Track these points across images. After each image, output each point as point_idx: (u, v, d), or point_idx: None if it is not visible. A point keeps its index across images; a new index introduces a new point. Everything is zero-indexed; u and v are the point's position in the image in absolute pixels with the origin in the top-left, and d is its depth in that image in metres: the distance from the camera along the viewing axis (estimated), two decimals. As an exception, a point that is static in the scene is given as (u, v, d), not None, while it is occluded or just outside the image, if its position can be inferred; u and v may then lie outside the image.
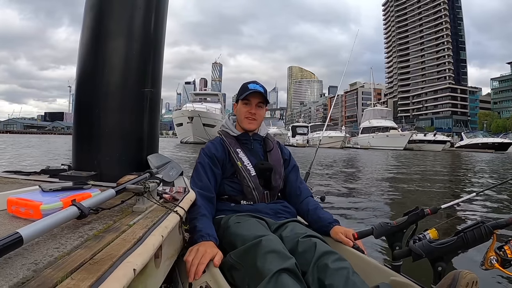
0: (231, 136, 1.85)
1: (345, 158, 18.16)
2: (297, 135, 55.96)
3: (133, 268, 0.79)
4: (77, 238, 0.97)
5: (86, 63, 2.25)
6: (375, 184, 6.52)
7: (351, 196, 5.46)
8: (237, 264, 1.29)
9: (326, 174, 9.34)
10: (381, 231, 1.68)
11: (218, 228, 1.57)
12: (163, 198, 1.46)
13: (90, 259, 0.83)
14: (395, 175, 10.15)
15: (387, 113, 52.09)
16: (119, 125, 2.20)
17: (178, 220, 1.28)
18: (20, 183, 1.78)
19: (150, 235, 1.01)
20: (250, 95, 1.79)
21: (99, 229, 1.06)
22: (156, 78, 2.40)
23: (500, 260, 1.27)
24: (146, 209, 1.29)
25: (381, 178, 8.19)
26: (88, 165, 2.17)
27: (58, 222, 0.95)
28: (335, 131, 47.77)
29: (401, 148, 38.85)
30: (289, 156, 1.98)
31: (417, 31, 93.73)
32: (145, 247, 0.92)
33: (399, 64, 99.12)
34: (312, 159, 3.04)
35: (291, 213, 1.77)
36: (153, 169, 2.01)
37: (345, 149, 38.11)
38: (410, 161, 17.76)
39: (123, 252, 0.86)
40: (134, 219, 1.16)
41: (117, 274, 0.75)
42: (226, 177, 1.75)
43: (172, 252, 1.35)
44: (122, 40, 2.23)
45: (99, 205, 1.17)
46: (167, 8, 2.55)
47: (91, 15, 2.26)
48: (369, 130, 47.06)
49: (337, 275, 1.20)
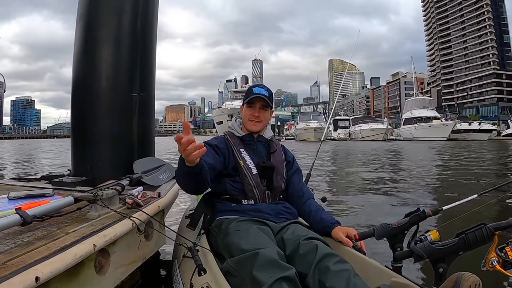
0: (236, 136, 1.87)
1: (384, 152, 17.55)
2: (339, 129, 54.96)
3: (35, 276, 0.82)
4: (11, 243, 1.01)
5: (78, 71, 2.33)
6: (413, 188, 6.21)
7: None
8: (234, 271, 1.28)
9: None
10: (382, 232, 1.65)
11: (218, 233, 1.57)
12: (127, 203, 1.47)
13: (4, 263, 0.86)
14: (434, 168, 9.67)
15: (429, 102, 49.78)
16: (109, 130, 2.26)
17: (130, 227, 1.27)
18: (11, 189, 1.86)
19: (79, 243, 1.01)
20: (254, 99, 1.82)
21: (37, 236, 1.09)
22: (146, 82, 2.44)
23: (502, 262, 1.23)
24: (99, 216, 1.31)
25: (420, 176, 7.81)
26: (83, 170, 2.26)
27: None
28: (376, 123, 46.21)
29: (444, 138, 37.00)
30: (293, 159, 1.99)
31: (457, 16, 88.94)
32: (65, 255, 0.94)
33: (441, 52, 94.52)
34: (313, 160, 2.96)
35: (292, 214, 1.75)
36: (135, 174, 2.06)
37: (387, 142, 36.98)
38: (450, 152, 16.84)
39: (35, 260, 0.89)
40: (77, 227, 1.18)
41: (13, 280, 0.78)
42: (228, 175, 1.75)
43: (132, 259, 1.36)
44: (109, 48, 2.29)
45: (48, 213, 1.20)
46: (157, 12, 2.58)
47: (80, 25, 2.34)
48: (411, 121, 45.12)
49: (338, 277, 1.19)
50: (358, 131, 47.32)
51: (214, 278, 1.21)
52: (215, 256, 1.40)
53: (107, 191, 1.36)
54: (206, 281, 1.21)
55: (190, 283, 1.23)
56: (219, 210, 1.69)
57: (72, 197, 1.35)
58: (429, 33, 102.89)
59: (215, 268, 1.28)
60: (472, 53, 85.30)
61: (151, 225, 1.62)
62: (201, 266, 1.26)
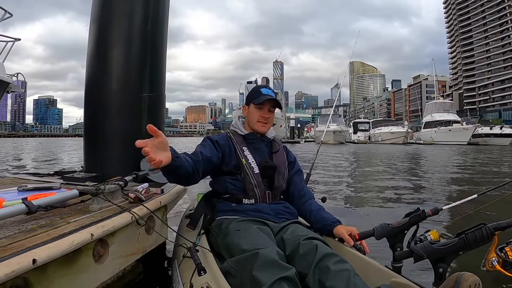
0: (239, 135, 1.88)
1: (402, 155, 17.24)
2: (359, 132, 54.48)
3: (33, 258, 0.90)
4: (15, 230, 1.09)
5: (91, 72, 2.43)
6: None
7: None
8: (234, 271, 1.29)
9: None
10: (382, 232, 1.65)
11: (218, 233, 1.57)
12: (129, 198, 1.53)
13: (6, 246, 0.95)
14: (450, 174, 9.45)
15: (450, 106, 48.62)
16: (119, 129, 2.34)
17: (129, 220, 1.33)
18: (24, 182, 1.96)
19: (78, 232, 1.08)
20: (265, 101, 1.82)
21: (40, 224, 1.17)
22: (156, 83, 2.52)
23: (502, 262, 1.27)
24: (100, 208, 1.38)
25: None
26: (93, 167, 2.35)
27: (3, 216, 1.11)
28: (396, 127, 45.66)
29: (464, 142, 36.08)
30: (294, 159, 2.00)
31: (479, 18, 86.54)
32: (62, 242, 1.01)
33: (463, 54, 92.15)
34: (313, 161, 2.96)
35: (292, 214, 1.76)
36: (141, 171, 2.13)
37: (407, 145, 36.44)
38: (467, 157, 16.36)
39: (35, 244, 0.97)
40: (79, 218, 1.25)
41: (12, 261, 0.87)
42: (229, 173, 1.76)
43: (131, 251, 1.42)
44: (120, 49, 2.37)
45: (52, 204, 1.28)
46: (167, 14, 2.66)
47: (94, 28, 2.44)
48: (432, 124, 44.30)
49: (338, 277, 1.19)
50: (378, 134, 46.76)
51: (214, 278, 1.22)
52: (215, 256, 1.41)
53: (109, 185, 1.43)
54: (206, 281, 1.22)
55: (190, 283, 1.25)
56: (219, 210, 1.70)
57: (77, 190, 1.43)
58: (451, 36, 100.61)
59: (215, 268, 1.29)
60: (495, 56, 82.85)
61: (152, 219, 1.68)
62: (201, 266, 1.28)
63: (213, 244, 1.57)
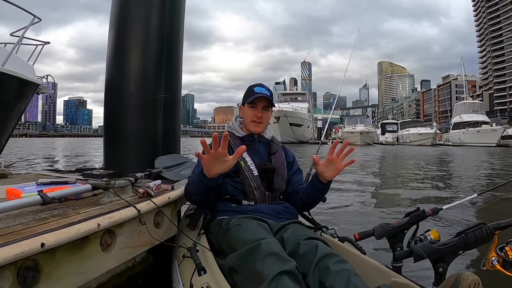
0: (236, 137, 1.88)
1: (427, 158, 16.78)
2: (387, 133, 53.52)
3: (42, 242, 1.01)
4: (31, 217, 1.21)
5: (110, 75, 2.55)
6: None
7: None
8: (237, 267, 1.28)
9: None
10: (382, 232, 1.67)
11: (218, 230, 1.59)
12: (138, 193, 1.63)
13: (19, 230, 1.07)
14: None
15: (480, 106, 46.91)
16: (136, 129, 2.45)
17: (136, 214, 1.42)
18: (44, 177, 2.09)
19: (85, 222, 1.18)
20: (256, 99, 1.81)
21: (53, 214, 1.28)
22: (172, 84, 2.62)
23: (502, 261, 1.25)
24: (110, 202, 1.48)
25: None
26: (112, 165, 2.48)
27: (20, 205, 1.24)
28: (425, 128, 45.07)
29: (493, 144, 34.64)
30: (293, 159, 1.99)
31: (509, 16, 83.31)
32: (70, 229, 1.11)
33: (493, 54, 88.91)
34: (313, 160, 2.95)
35: (292, 214, 1.77)
36: (155, 169, 2.23)
37: (435, 147, 35.45)
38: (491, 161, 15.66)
39: (44, 230, 1.09)
40: (89, 209, 1.35)
41: (23, 243, 0.98)
42: (228, 176, 1.75)
43: (136, 242, 1.51)
44: (137, 53, 2.49)
45: (66, 196, 1.40)
46: (183, 18, 2.76)
47: (112, 32, 2.56)
48: (460, 125, 42.88)
49: (338, 277, 1.19)
50: (405, 135, 46.25)
51: (214, 278, 1.24)
52: (215, 256, 1.43)
53: (120, 181, 1.54)
54: (206, 281, 1.23)
55: (190, 283, 1.26)
56: (219, 210, 1.72)
57: (90, 185, 1.53)
58: (481, 35, 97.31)
59: (215, 268, 1.30)
60: (526, 56, 79.41)
61: (161, 214, 1.76)
62: (201, 266, 1.30)
63: (213, 244, 1.59)
